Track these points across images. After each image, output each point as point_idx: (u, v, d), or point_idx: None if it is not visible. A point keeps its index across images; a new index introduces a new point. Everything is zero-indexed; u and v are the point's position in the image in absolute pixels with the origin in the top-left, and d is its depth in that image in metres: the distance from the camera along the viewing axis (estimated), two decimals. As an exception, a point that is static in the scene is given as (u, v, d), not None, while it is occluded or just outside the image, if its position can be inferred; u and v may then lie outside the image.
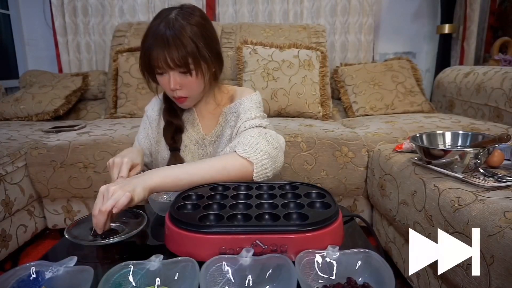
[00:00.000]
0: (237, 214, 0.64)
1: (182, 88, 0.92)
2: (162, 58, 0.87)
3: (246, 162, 0.81)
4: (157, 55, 0.87)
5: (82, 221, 0.75)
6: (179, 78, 0.91)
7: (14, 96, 2.11)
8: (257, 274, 0.54)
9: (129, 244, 0.70)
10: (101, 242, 0.67)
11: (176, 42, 0.86)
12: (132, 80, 2.01)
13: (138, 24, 2.28)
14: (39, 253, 1.59)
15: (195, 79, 0.92)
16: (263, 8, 2.48)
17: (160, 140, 1.06)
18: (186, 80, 0.91)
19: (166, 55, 0.86)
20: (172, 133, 1.03)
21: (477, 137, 1.00)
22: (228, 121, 1.00)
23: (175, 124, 1.03)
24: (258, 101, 1.01)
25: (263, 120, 0.95)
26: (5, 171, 1.38)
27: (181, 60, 0.87)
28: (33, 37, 2.66)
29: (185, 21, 0.89)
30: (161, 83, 0.94)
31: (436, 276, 1.01)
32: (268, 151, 0.84)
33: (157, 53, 0.87)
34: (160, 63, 0.88)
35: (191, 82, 0.92)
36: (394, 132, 1.55)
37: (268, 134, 0.89)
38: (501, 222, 0.73)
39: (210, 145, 1.03)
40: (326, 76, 2.06)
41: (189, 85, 0.92)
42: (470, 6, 2.38)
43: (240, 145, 0.85)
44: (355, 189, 1.53)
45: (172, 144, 1.03)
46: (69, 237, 0.68)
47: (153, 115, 1.09)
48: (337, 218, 0.64)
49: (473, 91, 1.82)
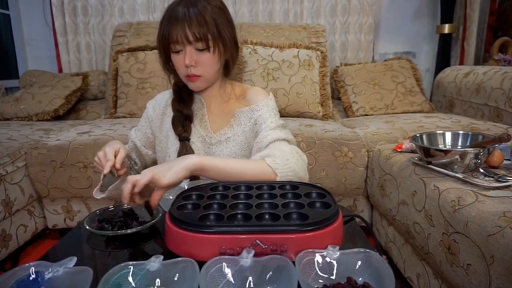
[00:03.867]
0: (237, 214, 0.64)
1: (197, 66, 0.92)
2: (182, 32, 0.87)
3: (273, 174, 0.81)
4: (176, 30, 0.88)
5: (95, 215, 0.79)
6: (195, 55, 0.91)
7: (14, 96, 2.11)
8: (258, 275, 0.53)
9: (135, 240, 0.71)
10: (118, 232, 0.71)
11: (199, 17, 0.87)
12: (132, 80, 2.01)
13: (138, 24, 2.28)
14: (39, 253, 1.59)
15: (212, 57, 0.92)
16: (263, 8, 2.48)
17: (167, 134, 1.05)
18: (203, 57, 0.91)
19: (187, 29, 0.87)
20: (181, 122, 1.02)
21: (477, 137, 1.00)
22: (241, 125, 1.00)
23: (184, 113, 1.02)
24: (274, 106, 1.02)
25: (287, 133, 0.96)
26: (5, 171, 1.38)
27: (201, 34, 0.88)
28: (33, 37, 2.66)
29: (206, 1, 0.90)
30: (176, 62, 0.94)
31: (436, 276, 1.01)
32: (296, 169, 0.84)
33: (177, 27, 0.88)
34: (180, 37, 0.88)
35: (207, 59, 0.92)
36: (394, 132, 1.55)
37: (298, 153, 0.89)
38: (501, 221, 0.73)
39: (217, 144, 1.01)
40: (326, 76, 2.06)
41: (205, 63, 0.92)
42: (470, 6, 2.38)
43: (270, 156, 0.85)
44: (355, 189, 1.53)
45: (182, 133, 1.01)
46: (90, 228, 0.71)
47: (153, 114, 1.08)
48: (337, 218, 0.64)
49: (473, 91, 1.82)
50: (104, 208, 0.81)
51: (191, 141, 1.02)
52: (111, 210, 0.80)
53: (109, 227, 0.73)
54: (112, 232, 0.71)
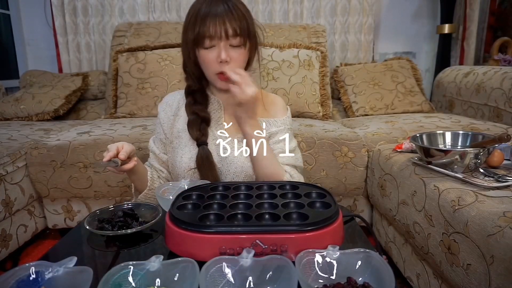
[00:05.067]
0: (237, 214, 0.64)
1: (231, 62, 0.89)
2: (221, 26, 0.84)
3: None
4: (215, 24, 0.84)
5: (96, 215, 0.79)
6: (230, 50, 0.88)
7: (14, 96, 2.11)
8: (258, 276, 0.54)
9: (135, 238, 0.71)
10: (118, 232, 0.71)
11: (238, 12, 0.86)
12: (132, 80, 2.01)
13: (138, 24, 2.28)
14: (39, 253, 1.59)
15: (245, 53, 0.91)
16: (263, 8, 2.48)
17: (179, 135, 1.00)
18: (236, 54, 0.89)
19: (228, 23, 0.84)
20: (198, 125, 0.97)
21: (477, 137, 1.00)
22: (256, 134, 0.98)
23: (201, 116, 0.97)
24: (290, 123, 1.04)
25: (297, 160, 1.00)
26: (5, 171, 1.38)
27: (240, 29, 0.86)
28: (33, 37, 2.66)
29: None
30: (207, 58, 0.89)
31: (436, 276, 1.01)
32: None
33: (215, 22, 0.84)
34: (218, 31, 0.84)
35: (240, 55, 0.90)
36: (394, 132, 1.55)
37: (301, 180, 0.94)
38: (501, 221, 0.73)
39: (231, 148, 0.96)
40: (326, 76, 2.06)
41: (238, 59, 0.90)
42: (470, 6, 2.38)
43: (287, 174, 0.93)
44: (355, 189, 1.53)
45: (200, 137, 0.96)
46: (90, 227, 0.72)
47: (165, 116, 1.04)
48: (337, 218, 0.64)
49: (473, 91, 1.82)
50: (104, 208, 0.81)
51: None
52: (111, 210, 0.80)
53: (109, 227, 0.73)
54: (112, 232, 0.71)
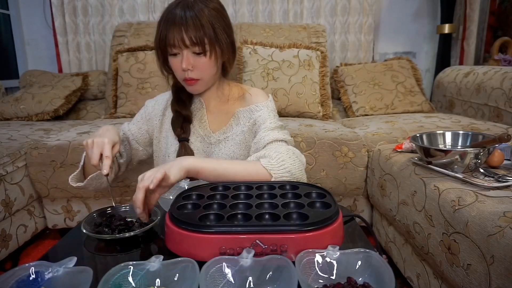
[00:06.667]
0: (237, 214, 0.64)
1: (194, 70, 0.93)
2: (178, 36, 0.88)
3: (267, 175, 0.82)
4: (173, 33, 0.88)
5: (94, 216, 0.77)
6: (192, 58, 0.91)
7: (14, 96, 2.11)
8: (258, 276, 0.53)
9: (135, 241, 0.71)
10: (116, 236, 0.69)
11: (195, 21, 0.87)
12: (132, 80, 2.01)
13: (138, 24, 2.28)
14: (39, 253, 1.59)
15: (208, 61, 0.92)
16: (263, 8, 2.48)
17: (167, 135, 1.06)
18: (200, 61, 0.92)
19: (184, 33, 0.87)
20: (180, 123, 1.02)
21: (477, 137, 1.00)
22: (241, 125, 1.00)
23: (183, 114, 1.03)
24: (273, 107, 1.02)
25: (285, 134, 0.96)
26: (5, 171, 1.38)
27: (198, 39, 0.88)
28: (33, 37, 2.66)
29: (203, 4, 0.91)
30: (173, 65, 0.95)
31: (436, 276, 1.01)
32: (292, 170, 0.84)
33: (173, 31, 0.88)
34: (176, 41, 0.88)
35: (204, 63, 0.92)
36: (394, 132, 1.55)
37: (295, 154, 0.88)
38: (501, 221, 0.73)
39: (216, 144, 1.02)
40: (326, 76, 2.06)
41: (202, 67, 0.93)
42: (470, 6, 2.38)
43: (266, 157, 0.85)
44: (355, 189, 1.53)
45: (181, 134, 1.02)
46: (86, 231, 0.70)
47: (152, 113, 1.08)
48: (337, 218, 0.64)
49: (473, 91, 1.82)
50: (102, 210, 0.79)
51: (190, 141, 1.03)
52: (108, 212, 0.79)
53: (109, 231, 0.71)
54: (109, 236, 0.70)
